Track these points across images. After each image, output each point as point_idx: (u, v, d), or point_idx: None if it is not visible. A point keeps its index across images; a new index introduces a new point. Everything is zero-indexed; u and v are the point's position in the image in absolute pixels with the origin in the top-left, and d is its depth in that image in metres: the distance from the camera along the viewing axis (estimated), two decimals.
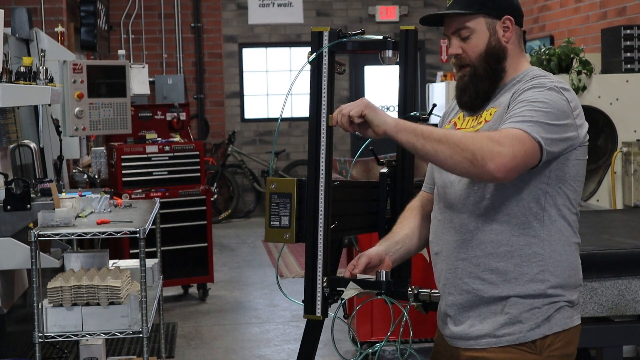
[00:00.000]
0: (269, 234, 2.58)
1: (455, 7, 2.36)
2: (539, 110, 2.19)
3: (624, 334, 3.56)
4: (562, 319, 2.32)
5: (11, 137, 5.05)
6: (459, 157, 2.14)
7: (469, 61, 2.37)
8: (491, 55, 2.35)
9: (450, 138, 2.15)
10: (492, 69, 2.35)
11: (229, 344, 5.90)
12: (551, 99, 2.23)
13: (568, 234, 2.33)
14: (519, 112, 2.20)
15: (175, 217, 6.81)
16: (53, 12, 7.37)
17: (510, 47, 2.37)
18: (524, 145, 2.14)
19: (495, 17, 2.35)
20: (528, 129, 2.16)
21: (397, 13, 12.19)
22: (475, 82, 2.36)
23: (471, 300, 2.34)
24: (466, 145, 2.12)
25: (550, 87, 2.26)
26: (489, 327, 2.32)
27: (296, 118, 12.10)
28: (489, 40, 2.35)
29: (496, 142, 2.12)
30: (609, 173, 5.46)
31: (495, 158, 2.10)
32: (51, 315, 3.89)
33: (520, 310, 2.29)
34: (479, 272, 2.32)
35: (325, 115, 2.57)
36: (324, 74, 2.58)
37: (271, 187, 2.56)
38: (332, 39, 2.58)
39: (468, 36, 2.36)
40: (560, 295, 2.31)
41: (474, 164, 2.12)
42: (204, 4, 11.91)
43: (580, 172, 2.34)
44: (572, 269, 2.34)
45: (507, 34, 2.36)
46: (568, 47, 5.69)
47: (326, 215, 2.55)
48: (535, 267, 2.29)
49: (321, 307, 2.57)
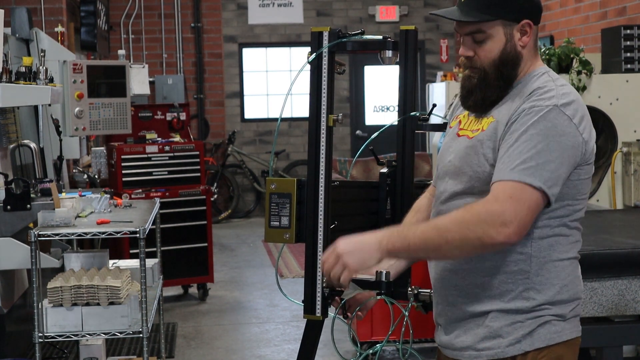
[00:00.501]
0: (268, 234, 2.58)
1: (472, 7, 2.23)
2: (540, 147, 2.09)
3: (624, 334, 3.56)
4: (547, 334, 2.20)
5: (11, 137, 5.05)
6: (468, 249, 2.10)
7: (480, 65, 2.25)
8: (505, 62, 2.23)
9: (447, 238, 2.07)
10: (503, 76, 2.24)
11: (229, 344, 5.90)
12: (552, 125, 2.11)
13: (561, 250, 2.22)
14: (519, 153, 2.09)
15: (175, 217, 6.81)
16: (53, 12, 7.37)
17: (525, 51, 2.25)
18: (525, 202, 2.06)
19: (512, 21, 2.22)
20: (527, 179, 2.07)
21: (397, 13, 12.19)
22: (484, 88, 2.24)
23: (455, 312, 2.28)
24: (468, 236, 2.06)
25: (550, 107, 2.13)
26: (471, 339, 2.25)
27: (296, 118, 12.09)
28: (505, 47, 2.23)
29: (496, 215, 2.03)
30: (609, 173, 5.46)
31: (502, 231, 2.03)
32: (51, 315, 3.89)
33: (502, 324, 2.21)
34: (464, 286, 2.25)
35: (325, 115, 2.57)
36: (324, 74, 2.58)
37: (271, 187, 2.56)
38: (332, 39, 2.58)
39: (483, 40, 2.23)
40: (546, 309, 2.20)
41: (485, 247, 2.08)
42: (204, 4, 11.91)
43: (582, 190, 2.23)
44: (562, 286, 2.22)
45: (525, 38, 2.24)
46: (568, 47, 5.69)
47: (326, 215, 2.55)
48: (520, 284, 2.19)
49: (321, 307, 2.57)
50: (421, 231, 2.12)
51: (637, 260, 3.52)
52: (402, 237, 2.14)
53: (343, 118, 2.63)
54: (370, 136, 2.88)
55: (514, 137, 2.13)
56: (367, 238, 2.17)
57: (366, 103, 12.46)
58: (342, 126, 12.12)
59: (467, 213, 2.08)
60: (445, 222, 2.11)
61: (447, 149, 2.36)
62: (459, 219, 2.08)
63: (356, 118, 12.37)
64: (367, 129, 12.24)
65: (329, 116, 2.57)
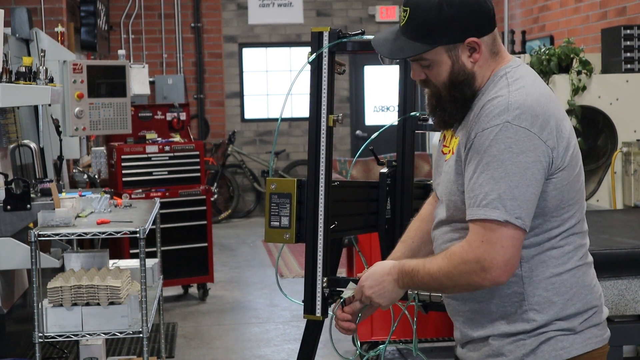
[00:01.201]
0: (268, 234, 2.58)
1: (409, 36, 2.10)
2: (498, 176, 1.99)
3: (624, 334, 3.56)
4: (551, 351, 2.10)
5: (11, 137, 5.05)
6: (465, 292, 2.16)
7: (434, 88, 2.16)
8: (455, 84, 2.11)
9: (442, 284, 2.11)
10: (457, 98, 2.12)
11: (229, 344, 5.90)
12: (506, 146, 1.99)
13: (555, 264, 2.11)
14: (480, 186, 2.01)
15: (175, 217, 6.81)
16: (53, 12, 7.37)
17: (477, 66, 2.11)
18: (497, 242, 2.00)
19: (456, 42, 2.08)
20: (492, 215, 1.99)
21: (397, 13, 12.19)
22: (442, 107, 2.16)
23: (463, 334, 2.26)
24: (458, 284, 2.09)
25: (500, 125, 2.00)
26: (477, 356, 2.21)
27: (296, 118, 12.09)
28: (452, 69, 2.10)
29: (475, 262, 2.02)
30: (609, 173, 5.46)
31: (487, 276, 2.02)
32: (51, 315, 3.89)
33: (504, 343, 2.14)
34: (466, 311, 2.22)
35: (325, 115, 2.57)
36: (324, 74, 2.58)
37: (271, 187, 2.56)
38: (332, 39, 2.58)
39: (429, 65, 2.12)
40: (550, 325, 2.11)
41: (475, 289, 2.10)
42: (204, 4, 11.91)
43: (566, 198, 2.09)
44: (565, 301, 2.11)
45: (475, 54, 2.10)
46: (568, 47, 5.68)
47: (326, 215, 2.55)
48: (518, 307, 2.12)
49: (321, 307, 2.57)
50: (421, 276, 2.15)
51: (637, 260, 3.52)
52: (410, 279, 2.19)
53: (343, 118, 2.64)
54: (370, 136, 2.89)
55: (472, 168, 2.04)
56: (386, 277, 2.22)
57: (366, 103, 12.45)
58: (342, 126, 12.12)
59: (450, 265, 2.07)
60: (436, 272, 2.11)
61: (437, 167, 2.32)
62: (445, 271, 2.08)
63: (356, 118, 12.37)
64: (367, 129, 12.24)
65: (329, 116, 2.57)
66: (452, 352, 5.28)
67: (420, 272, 2.15)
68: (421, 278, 2.15)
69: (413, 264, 2.17)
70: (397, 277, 2.20)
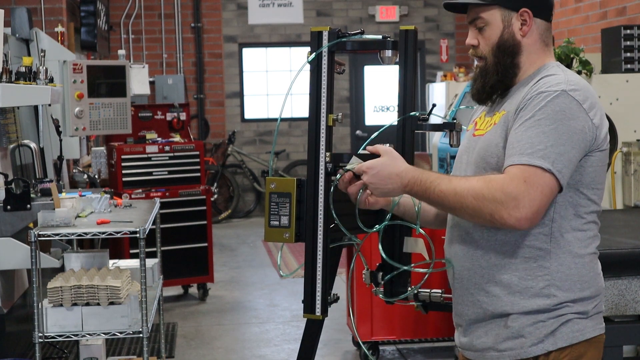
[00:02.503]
0: (268, 234, 2.58)
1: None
2: (548, 131, 2.11)
3: (624, 334, 3.56)
4: (569, 332, 2.20)
5: (11, 137, 5.05)
6: (480, 220, 2.15)
7: (482, 53, 2.32)
8: (502, 50, 2.28)
9: (463, 204, 2.12)
10: (501, 64, 2.28)
11: (229, 344, 5.90)
12: (561, 109, 2.13)
13: (580, 246, 2.22)
14: (528, 138, 2.12)
15: (175, 217, 6.81)
16: (53, 12, 7.37)
17: (526, 42, 2.28)
18: (538, 186, 2.08)
19: (511, 9, 2.26)
20: (537, 162, 2.08)
21: (397, 13, 12.19)
22: (484, 75, 2.31)
23: (476, 312, 2.28)
24: (481, 209, 2.10)
25: (558, 92, 2.15)
26: (492, 340, 2.25)
27: (296, 118, 12.10)
28: (502, 34, 2.27)
29: (511, 197, 2.06)
30: (609, 173, 5.46)
31: (514, 214, 2.07)
32: (51, 315, 3.89)
33: (524, 324, 2.20)
34: (484, 284, 2.25)
35: (325, 115, 2.57)
36: (324, 74, 2.58)
37: (271, 186, 2.56)
38: (332, 39, 2.58)
39: (482, 27, 2.30)
40: (568, 306, 2.20)
41: (494, 224, 2.12)
42: (204, 4, 11.91)
43: (597, 179, 2.22)
44: (584, 282, 2.22)
45: (525, 27, 2.27)
46: (568, 47, 5.69)
47: (326, 215, 2.55)
48: (541, 281, 2.19)
49: (321, 307, 2.57)
50: (441, 190, 2.16)
51: (637, 260, 3.52)
52: (424, 188, 2.20)
53: (343, 118, 2.63)
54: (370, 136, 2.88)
55: (522, 122, 2.15)
56: (394, 178, 2.24)
57: (366, 103, 12.46)
58: (342, 126, 12.12)
59: (486, 188, 2.10)
60: (465, 189, 2.13)
61: (464, 150, 2.39)
62: (478, 191, 2.11)
63: (356, 118, 12.37)
64: (367, 129, 12.24)
65: (329, 116, 2.57)
66: (452, 352, 5.29)
67: (440, 185, 2.16)
68: (439, 192, 2.16)
69: (434, 177, 2.20)
70: (407, 182, 2.22)
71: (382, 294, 2.57)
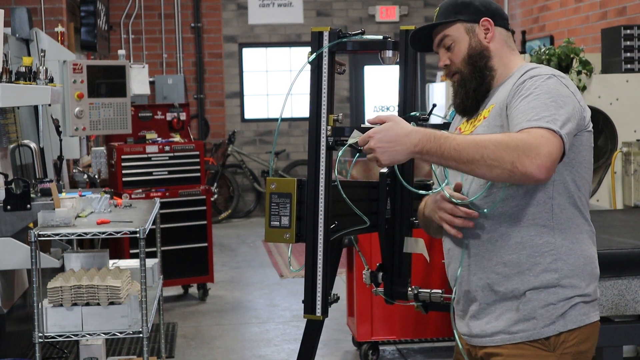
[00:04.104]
0: (269, 234, 2.58)
1: (437, 20, 2.45)
2: (549, 103, 2.22)
3: (624, 334, 3.56)
4: (577, 315, 2.31)
5: (11, 137, 5.05)
6: (498, 171, 2.16)
7: (456, 68, 2.42)
8: (473, 57, 2.40)
9: (483, 154, 2.14)
10: (477, 69, 2.40)
11: (229, 344, 5.90)
12: (554, 87, 2.26)
13: (579, 222, 2.35)
14: (532, 108, 2.21)
15: (175, 217, 6.81)
16: (53, 12, 7.37)
17: (494, 47, 2.41)
18: (553, 143, 2.17)
19: (472, 22, 2.41)
20: (552, 126, 2.18)
21: (397, 13, 12.19)
22: (463, 84, 2.41)
23: (486, 296, 2.35)
24: (503, 157, 2.14)
25: (549, 75, 2.29)
26: (503, 323, 2.32)
27: (296, 118, 12.09)
28: (470, 43, 2.40)
29: (532, 146, 2.13)
30: (609, 173, 5.46)
31: (535, 161, 2.13)
32: (51, 315, 3.89)
33: (535, 307, 2.29)
34: (492, 266, 2.32)
35: (325, 115, 2.58)
36: (324, 74, 2.58)
37: (271, 187, 2.56)
38: (332, 39, 2.58)
39: (451, 45, 2.41)
40: (575, 287, 2.30)
41: (514, 172, 2.15)
42: (204, 4, 11.91)
43: (588, 159, 2.37)
44: (585, 257, 2.34)
45: (489, 34, 2.41)
46: (568, 47, 5.68)
47: (326, 215, 2.55)
48: (547, 256, 2.29)
49: (321, 307, 2.57)
50: (457, 143, 2.18)
51: (637, 260, 3.52)
52: (437, 144, 2.19)
53: (343, 118, 2.64)
54: None
55: (522, 99, 2.25)
56: (402, 138, 2.21)
57: (366, 103, 12.45)
58: (342, 126, 12.10)
59: (507, 137, 2.16)
60: (485, 139, 2.18)
61: None
62: (499, 140, 2.16)
63: (356, 118, 12.37)
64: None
65: (329, 116, 2.57)
66: (452, 352, 5.29)
67: (457, 139, 2.18)
68: (455, 145, 2.17)
69: (448, 133, 2.23)
70: (417, 141, 2.20)
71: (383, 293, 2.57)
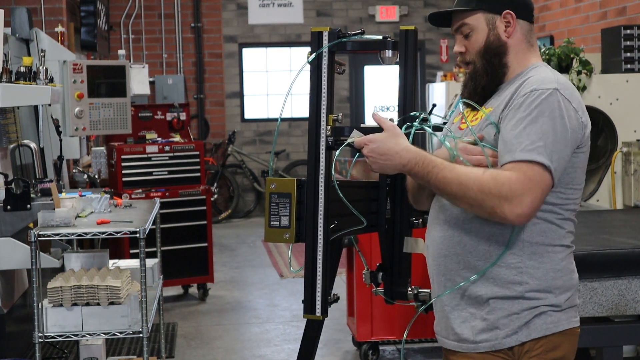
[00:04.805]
0: (268, 234, 2.58)
1: (459, 5, 2.38)
2: (546, 129, 2.16)
3: (624, 334, 3.57)
4: (542, 324, 2.25)
5: (11, 137, 5.05)
6: (478, 210, 2.18)
7: (470, 58, 2.38)
8: (489, 51, 2.34)
9: (465, 193, 2.15)
10: (490, 65, 2.34)
11: (229, 344, 5.90)
12: (555, 107, 2.18)
13: (553, 237, 2.27)
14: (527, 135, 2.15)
15: (175, 217, 6.81)
16: (53, 12, 7.36)
17: (512, 42, 2.34)
18: (540, 185, 2.13)
19: (495, 12, 2.34)
20: (538, 158, 2.13)
21: (397, 13, 12.19)
22: (474, 78, 2.37)
23: (453, 298, 2.32)
24: (484, 201, 2.13)
25: (551, 90, 2.20)
26: (468, 332, 2.30)
27: (296, 118, 12.09)
28: (488, 36, 2.34)
29: (516, 194, 2.11)
30: (609, 173, 5.46)
31: (515, 210, 2.12)
32: (51, 315, 3.89)
33: (499, 316, 2.25)
34: (460, 270, 2.30)
35: (325, 115, 2.57)
36: (324, 74, 2.58)
37: (271, 187, 2.56)
38: (332, 39, 2.58)
39: (469, 33, 2.36)
40: (541, 298, 2.25)
41: (493, 216, 2.16)
42: (204, 4, 11.91)
43: (577, 180, 2.28)
44: (556, 271, 2.27)
45: (509, 29, 2.34)
46: (568, 47, 5.69)
47: (326, 215, 2.55)
48: (513, 269, 2.25)
49: (321, 307, 2.57)
50: (443, 175, 2.19)
51: (637, 260, 3.52)
52: (425, 171, 2.22)
53: (343, 118, 2.64)
54: None
55: (516, 119, 2.19)
56: (393, 155, 2.25)
57: (366, 103, 12.45)
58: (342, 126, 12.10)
59: (492, 182, 2.13)
60: (470, 180, 2.16)
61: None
62: (483, 184, 2.14)
63: (356, 118, 12.37)
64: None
65: (329, 116, 2.57)
66: None
67: (444, 172, 2.18)
68: (442, 178, 2.18)
69: (438, 162, 2.22)
70: (407, 162, 2.24)
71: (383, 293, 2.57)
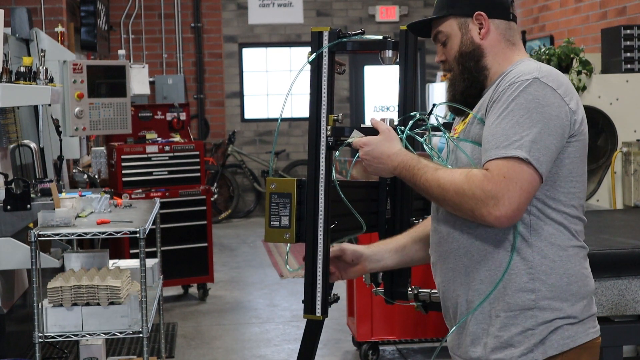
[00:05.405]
0: (268, 234, 2.58)
1: (433, 14, 2.34)
2: (523, 120, 2.07)
3: (624, 334, 3.56)
4: (559, 340, 2.14)
5: (11, 137, 5.05)
6: (461, 213, 2.14)
7: (449, 66, 2.32)
8: (464, 55, 2.27)
9: (445, 197, 2.12)
10: (466, 70, 2.27)
11: (229, 344, 5.90)
12: (534, 96, 2.09)
13: (563, 238, 2.16)
14: (503, 130, 2.08)
15: (175, 217, 6.81)
16: (53, 12, 7.36)
17: (488, 44, 2.26)
18: (518, 182, 2.04)
19: (466, 16, 2.27)
20: (513, 152, 2.05)
21: (397, 13, 12.19)
22: (452, 84, 2.31)
23: (463, 313, 2.24)
24: (462, 204, 2.09)
25: (530, 80, 2.12)
26: (481, 350, 2.20)
27: (296, 118, 12.09)
28: (461, 41, 2.27)
29: (490, 195, 2.04)
30: (609, 173, 5.46)
31: (493, 212, 2.05)
32: (51, 315, 3.89)
33: (513, 333, 2.15)
34: (469, 282, 2.21)
35: (325, 115, 2.57)
36: (324, 74, 2.58)
37: (271, 187, 2.56)
38: (332, 39, 2.58)
39: (445, 41, 2.31)
40: (556, 309, 2.14)
41: (475, 219, 2.10)
42: (204, 4, 11.91)
43: (575, 171, 2.18)
44: (570, 276, 2.16)
45: (482, 30, 2.26)
46: (568, 47, 5.68)
47: (326, 215, 2.55)
48: (524, 274, 2.14)
49: (321, 307, 2.57)
50: (426, 179, 2.17)
51: (637, 260, 3.51)
52: (411, 174, 2.22)
53: (343, 118, 2.64)
54: None
55: (496, 115, 2.12)
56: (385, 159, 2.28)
57: (366, 103, 12.45)
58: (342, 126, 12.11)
59: (467, 184, 2.08)
60: (447, 182, 2.12)
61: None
62: (457, 187, 2.10)
63: (356, 118, 12.37)
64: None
65: (329, 116, 2.57)
66: None
67: (427, 174, 2.17)
68: (424, 181, 2.17)
69: (422, 164, 2.20)
70: (397, 165, 2.25)
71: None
